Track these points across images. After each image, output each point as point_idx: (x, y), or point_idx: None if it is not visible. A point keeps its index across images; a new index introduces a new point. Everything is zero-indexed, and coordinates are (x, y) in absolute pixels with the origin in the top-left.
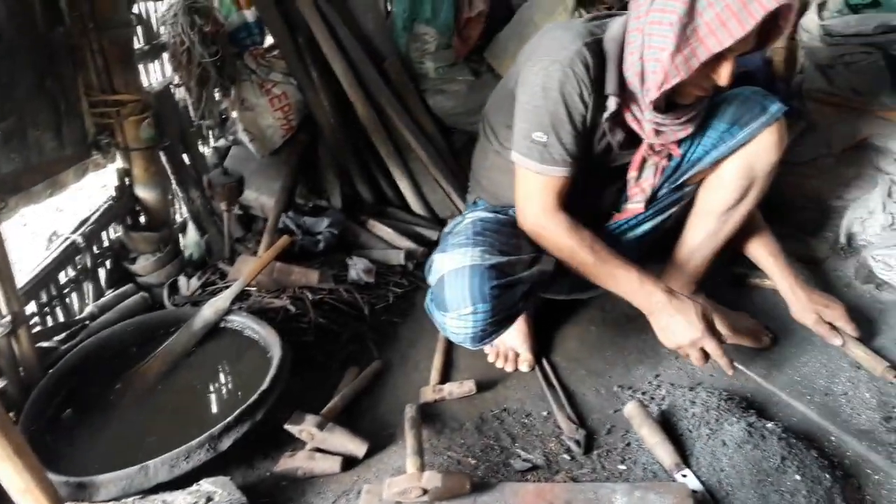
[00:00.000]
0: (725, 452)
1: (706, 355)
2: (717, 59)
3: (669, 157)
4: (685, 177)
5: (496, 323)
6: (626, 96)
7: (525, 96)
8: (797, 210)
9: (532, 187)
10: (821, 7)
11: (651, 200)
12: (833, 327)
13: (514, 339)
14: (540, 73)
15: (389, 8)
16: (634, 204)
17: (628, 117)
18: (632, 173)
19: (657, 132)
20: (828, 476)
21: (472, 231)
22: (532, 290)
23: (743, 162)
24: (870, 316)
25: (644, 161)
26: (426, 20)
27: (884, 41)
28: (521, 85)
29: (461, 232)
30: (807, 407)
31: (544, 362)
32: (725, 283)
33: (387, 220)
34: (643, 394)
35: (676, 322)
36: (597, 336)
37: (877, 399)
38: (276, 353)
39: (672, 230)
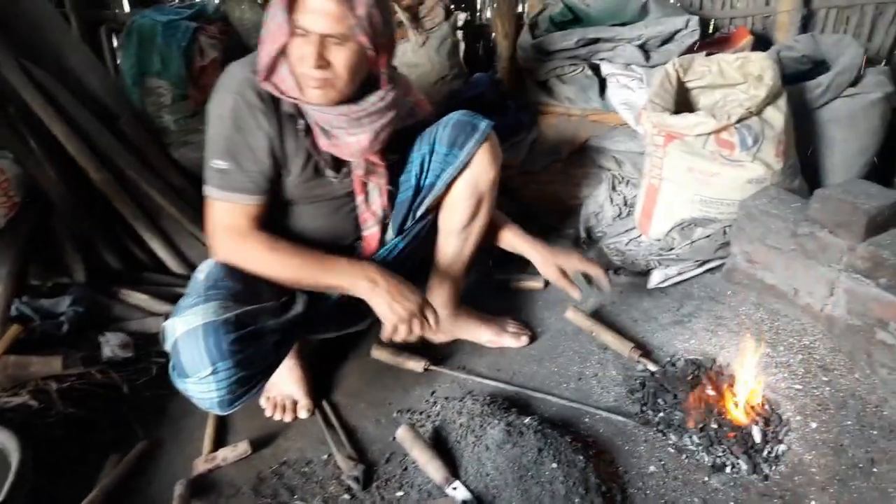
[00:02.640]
0: (489, 456)
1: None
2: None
3: (390, 179)
4: (425, 204)
5: (246, 380)
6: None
7: (207, 129)
8: (543, 214)
9: (219, 216)
10: (532, 27)
11: (401, 232)
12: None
13: (290, 387)
14: (215, 104)
15: (118, 62)
16: (369, 230)
17: (316, 131)
18: (359, 197)
19: (325, 132)
20: (581, 458)
21: (203, 287)
22: (288, 338)
23: (468, 182)
24: (612, 298)
25: (365, 185)
26: (157, 73)
27: (585, 53)
28: (205, 121)
29: (192, 290)
30: (562, 394)
31: (324, 404)
32: (489, 290)
33: (143, 286)
34: (420, 413)
35: (394, 299)
36: (375, 365)
37: (622, 375)
38: (14, 458)
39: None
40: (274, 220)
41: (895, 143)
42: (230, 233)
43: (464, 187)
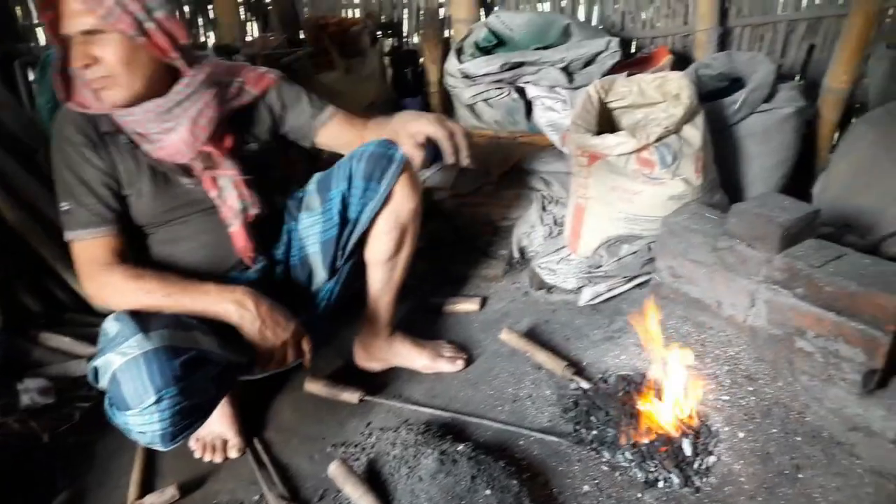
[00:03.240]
0: (422, 487)
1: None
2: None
3: (244, 167)
4: (352, 240)
5: (188, 412)
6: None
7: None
8: (477, 236)
9: (79, 256)
10: (459, 52)
11: (333, 272)
12: None
13: (220, 426)
14: (51, 150)
15: (34, 96)
16: (232, 227)
17: (137, 139)
18: (212, 193)
19: (141, 135)
20: (515, 482)
21: (132, 323)
22: (227, 377)
23: (389, 216)
24: (546, 318)
25: (215, 180)
26: None
27: (510, 77)
28: None
29: (117, 331)
30: (497, 417)
31: (255, 441)
32: (424, 314)
33: (65, 328)
34: (355, 447)
35: (265, 325)
36: (309, 398)
37: (556, 394)
38: None
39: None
40: (155, 251)
41: (811, 156)
42: (92, 270)
43: (386, 221)
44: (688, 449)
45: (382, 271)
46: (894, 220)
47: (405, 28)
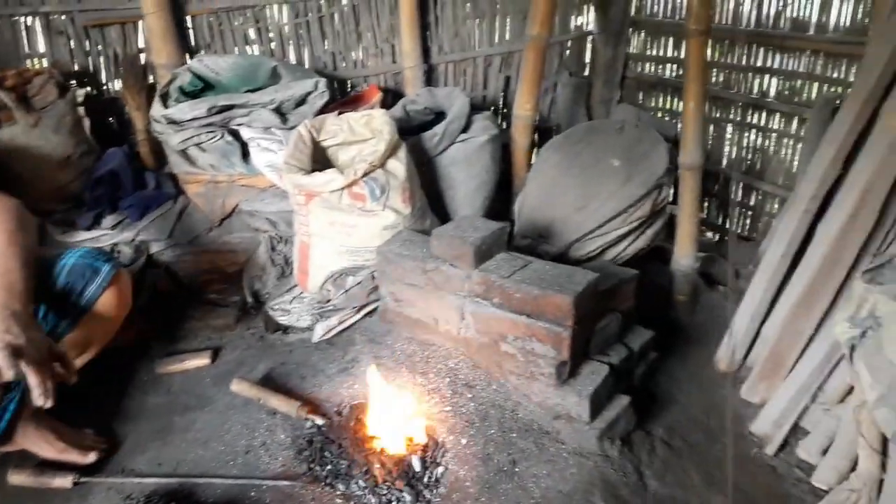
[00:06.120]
0: None
1: None
2: None
3: None
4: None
5: None
6: None
7: None
8: (206, 284)
9: None
10: (164, 97)
11: None
12: None
13: None
14: None
15: None
16: None
17: None
18: None
19: None
20: None
21: None
22: None
23: (87, 327)
24: (282, 360)
25: None
26: None
27: (221, 120)
28: None
29: None
30: (229, 473)
31: None
32: (150, 383)
33: None
34: None
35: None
36: (14, 492)
37: (291, 437)
38: None
39: None
40: None
41: (510, 177)
42: None
43: (82, 332)
44: (417, 465)
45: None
46: (576, 228)
47: (103, 75)
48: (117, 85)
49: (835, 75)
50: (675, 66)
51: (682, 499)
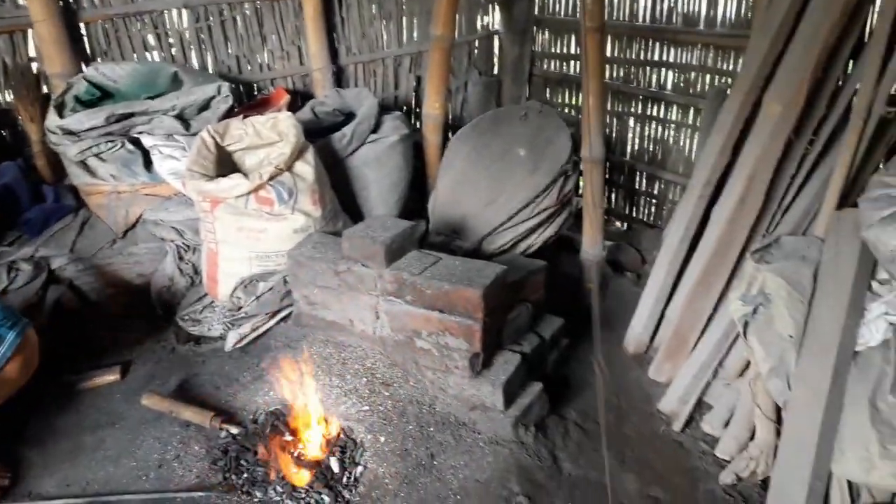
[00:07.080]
0: None
1: None
2: None
3: None
4: None
5: None
6: None
7: None
8: (112, 297)
9: None
10: (59, 107)
11: None
12: None
13: None
14: None
15: None
16: None
17: None
18: None
19: None
20: None
21: None
22: None
23: None
24: (195, 371)
25: None
26: None
27: (120, 129)
28: None
29: None
30: (141, 488)
31: None
32: (59, 397)
33: None
34: None
35: None
36: None
37: (205, 448)
38: None
39: None
40: None
41: (424, 176)
42: None
43: None
44: (335, 466)
45: None
46: (488, 222)
47: None
48: (8, 96)
49: (724, 67)
50: (578, 63)
51: (595, 479)
